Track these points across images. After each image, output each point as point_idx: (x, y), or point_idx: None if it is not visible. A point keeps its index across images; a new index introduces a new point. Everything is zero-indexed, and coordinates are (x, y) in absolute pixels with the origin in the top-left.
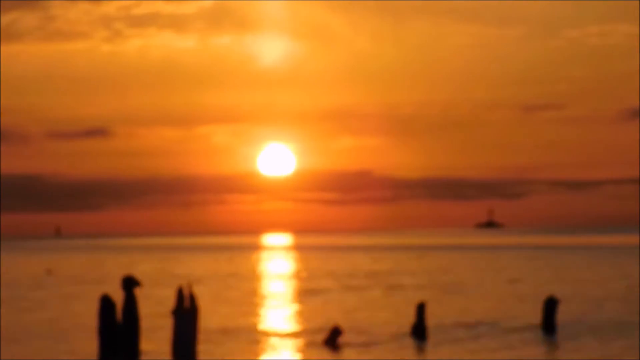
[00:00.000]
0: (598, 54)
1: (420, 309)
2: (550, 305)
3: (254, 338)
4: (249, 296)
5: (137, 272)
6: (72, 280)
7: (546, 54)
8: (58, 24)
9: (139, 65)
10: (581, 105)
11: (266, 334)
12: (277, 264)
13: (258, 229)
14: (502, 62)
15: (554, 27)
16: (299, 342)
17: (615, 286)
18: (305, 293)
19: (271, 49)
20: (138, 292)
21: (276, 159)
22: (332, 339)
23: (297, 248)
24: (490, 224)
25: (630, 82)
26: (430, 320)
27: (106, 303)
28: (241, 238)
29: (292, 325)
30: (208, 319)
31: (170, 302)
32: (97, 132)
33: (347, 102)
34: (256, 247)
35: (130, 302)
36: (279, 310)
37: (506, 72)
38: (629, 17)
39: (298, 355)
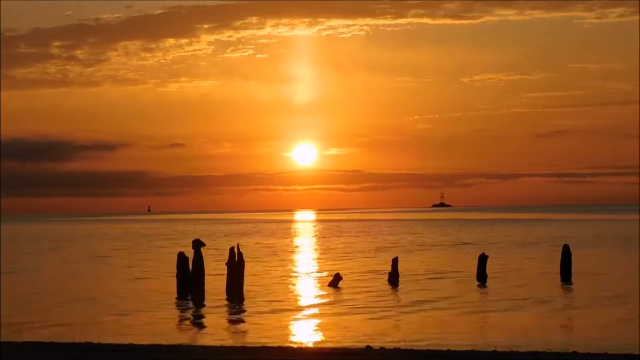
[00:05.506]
0: (486, 94)
1: (394, 261)
2: (482, 260)
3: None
4: (281, 249)
5: (204, 236)
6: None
7: (453, 93)
8: (122, 72)
9: (182, 101)
10: (497, 128)
11: (287, 274)
12: (305, 230)
13: (291, 207)
14: (425, 98)
15: (454, 75)
16: (312, 283)
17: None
18: (323, 248)
19: (268, 90)
20: (203, 250)
21: (301, 159)
22: (335, 282)
23: (319, 221)
24: (442, 205)
25: (520, 113)
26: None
27: (181, 257)
28: (280, 214)
29: (307, 270)
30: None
31: (225, 257)
32: (178, 145)
33: (343, 126)
34: (291, 220)
35: (198, 257)
36: (302, 257)
37: (431, 105)
38: (500, 69)
39: (310, 294)
